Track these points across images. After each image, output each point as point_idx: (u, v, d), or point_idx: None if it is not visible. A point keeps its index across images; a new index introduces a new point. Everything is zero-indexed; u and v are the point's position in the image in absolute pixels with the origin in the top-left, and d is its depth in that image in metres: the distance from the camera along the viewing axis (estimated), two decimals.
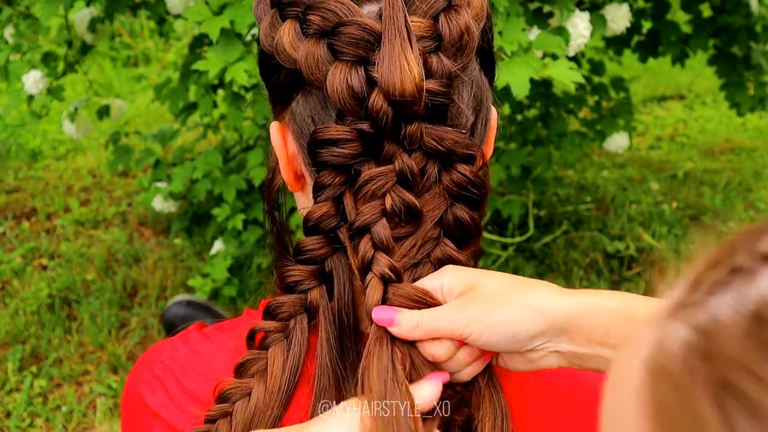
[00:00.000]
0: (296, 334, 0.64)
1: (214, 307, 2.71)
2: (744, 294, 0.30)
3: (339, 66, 0.59)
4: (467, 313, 0.60)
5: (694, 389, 0.29)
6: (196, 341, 0.73)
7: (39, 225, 3.48)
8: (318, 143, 0.61)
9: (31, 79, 2.28)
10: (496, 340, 0.60)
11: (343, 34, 0.59)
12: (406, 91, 0.57)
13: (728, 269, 0.32)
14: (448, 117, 0.61)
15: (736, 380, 0.28)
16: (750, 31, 2.72)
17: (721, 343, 0.29)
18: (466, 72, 0.62)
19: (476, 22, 0.62)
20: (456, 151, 0.61)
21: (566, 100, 2.98)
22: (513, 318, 0.59)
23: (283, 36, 0.61)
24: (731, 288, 0.31)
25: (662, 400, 0.30)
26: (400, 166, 0.60)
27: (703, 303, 0.31)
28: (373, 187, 0.61)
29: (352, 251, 0.62)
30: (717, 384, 0.28)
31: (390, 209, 0.61)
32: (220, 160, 2.66)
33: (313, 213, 0.62)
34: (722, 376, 0.28)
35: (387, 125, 0.59)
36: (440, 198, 0.62)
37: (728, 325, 0.29)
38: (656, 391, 0.31)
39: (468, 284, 0.61)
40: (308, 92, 0.63)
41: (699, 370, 0.29)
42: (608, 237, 3.19)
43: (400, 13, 0.58)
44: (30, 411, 2.46)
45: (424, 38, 0.59)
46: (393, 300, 0.61)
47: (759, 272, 0.30)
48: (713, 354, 0.29)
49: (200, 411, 0.66)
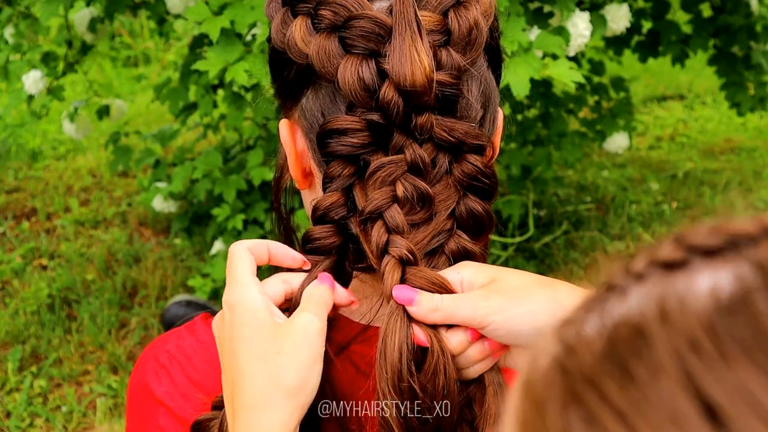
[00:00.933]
0: None
1: (214, 307, 2.71)
2: (609, 312, 0.31)
3: (350, 59, 0.60)
4: (490, 302, 0.59)
5: (548, 401, 0.30)
6: (201, 331, 0.73)
7: (39, 225, 3.48)
8: (327, 133, 0.62)
9: (31, 79, 2.28)
10: (519, 330, 0.59)
11: (354, 27, 0.60)
12: (417, 82, 0.58)
13: (606, 287, 0.32)
14: (458, 109, 0.62)
15: (582, 394, 0.29)
16: (750, 31, 2.72)
17: (578, 359, 0.30)
18: (475, 67, 0.63)
19: (485, 18, 0.63)
20: (466, 141, 0.62)
21: (566, 100, 2.98)
22: (540, 310, 0.58)
23: (295, 32, 0.62)
24: (603, 305, 0.31)
25: (524, 412, 0.32)
26: (411, 155, 0.61)
27: (577, 319, 0.32)
28: (383, 174, 0.61)
29: (365, 238, 0.62)
30: (566, 397, 0.29)
31: (402, 196, 0.61)
32: (220, 160, 2.66)
33: (323, 201, 0.63)
34: (572, 389, 0.29)
35: (397, 116, 0.60)
36: (451, 189, 0.63)
37: (587, 341, 0.30)
38: (522, 403, 0.32)
39: (489, 277, 0.61)
40: (318, 88, 0.64)
41: (555, 384, 0.30)
42: (608, 237, 3.19)
43: (410, 8, 0.59)
44: (30, 411, 2.46)
45: (433, 32, 0.60)
46: (413, 281, 0.60)
47: (628, 291, 0.31)
48: (569, 369, 0.30)
49: (206, 398, 0.66)
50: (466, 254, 0.63)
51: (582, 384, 0.29)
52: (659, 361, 0.28)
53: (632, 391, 0.28)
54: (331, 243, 0.63)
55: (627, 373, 0.28)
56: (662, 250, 0.32)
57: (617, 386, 0.28)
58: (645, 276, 0.31)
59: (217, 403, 0.63)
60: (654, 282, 0.30)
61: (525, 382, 0.32)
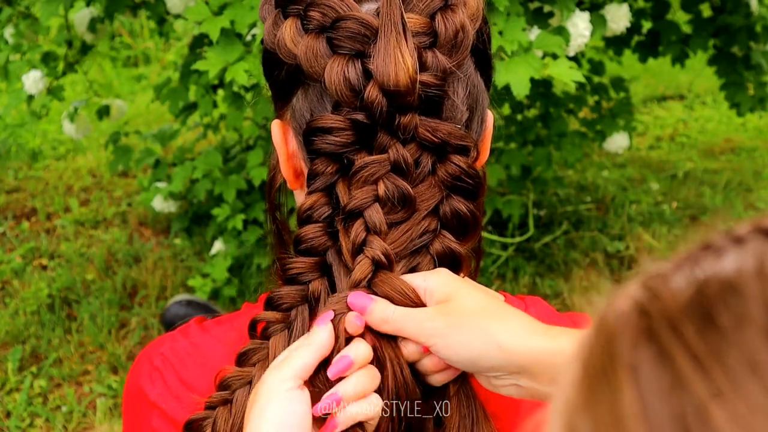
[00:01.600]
0: (297, 325, 0.65)
1: (214, 307, 2.71)
2: (703, 268, 0.31)
3: (337, 59, 0.61)
4: (434, 324, 0.60)
5: (620, 336, 0.30)
6: (195, 334, 0.74)
7: (39, 225, 3.48)
8: (312, 131, 0.63)
9: (31, 79, 2.28)
10: (456, 360, 0.60)
11: (341, 28, 0.61)
12: (400, 83, 0.59)
13: (701, 246, 0.32)
14: (443, 110, 0.63)
15: (658, 332, 0.29)
16: (750, 31, 2.72)
17: (661, 303, 0.30)
18: (461, 69, 0.64)
19: (471, 21, 0.64)
20: (450, 142, 0.63)
21: (566, 100, 2.98)
22: (473, 347, 0.59)
23: (285, 33, 0.63)
24: (696, 262, 0.32)
25: (591, 347, 0.31)
26: (394, 155, 0.62)
27: (666, 272, 0.32)
28: (366, 173, 0.62)
29: (344, 234, 0.63)
30: (641, 334, 0.29)
31: (383, 195, 0.62)
32: (220, 160, 2.66)
33: (305, 203, 0.64)
34: (648, 327, 0.29)
35: (381, 116, 0.61)
36: (434, 189, 0.64)
37: (674, 290, 0.30)
38: (592, 339, 0.32)
39: (447, 294, 0.61)
40: (307, 88, 0.65)
41: (631, 322, 0.30)
42: (608, 237, 3.19)
43: (396, 10, 0.60)
44: (30, 411, 2.46)
45: (420, 34, 0.61)
46: (378, 286, 0.62)
47: (726, 251, 0.31)
48: (650, 311, 0.30)
49: (198, 399, 0.66)
50: (452, 255, 0.64)
51: (660, 324, 0.29)
52: (747, 311, 0.27)
53: (712, 337, 0.27)
54: (322, 243, 0.64)
55: (710, 321, 0.28)
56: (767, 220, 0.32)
57: (697, 330, 0.28)
58: (745, 240, 0.31)
59: (210, 403, 0.64)
60: (754, 245, 0.31)
61: (598, 321, 0.32)
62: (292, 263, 0.65)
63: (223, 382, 0.64)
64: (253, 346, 0.65)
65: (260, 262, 2.77)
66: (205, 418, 0.63)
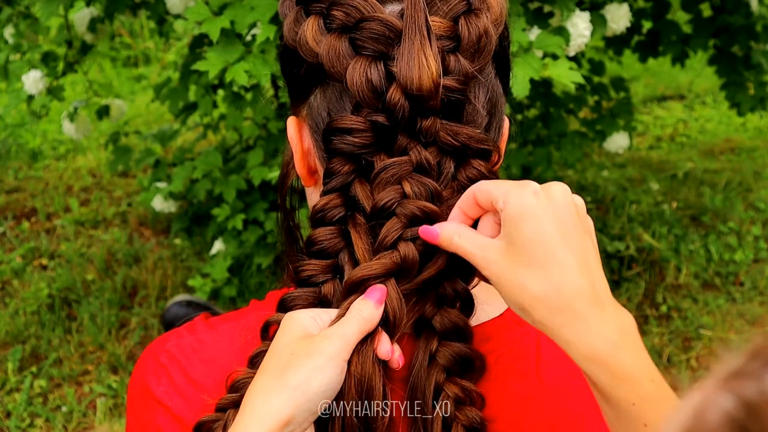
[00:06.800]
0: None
1: (214, 307, 2.71)
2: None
3: (359, 60, 0.61)
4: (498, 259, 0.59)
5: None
6: (201, 330, 0.73)
7: (39, 225, 3.48)
8: (332, 131, 0.63)
9: (31, 79, 2.28)
10: (507, 300, 0.60)
11: (365, 29, 0.61)
12: (424, 86, 0.59)
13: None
14: (464, 115, 0.63)
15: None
16: (750, 30, 2.72)
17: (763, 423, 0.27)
18: (482, 74, 0.63)
19: (495, 26, 0.63)
20: (471, 146, 0.62)
21: (566, 100, 2.98)
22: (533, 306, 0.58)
23: (307, 30, 0.63)
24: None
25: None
26: (416, 157, 0.62)
27: (756, 374, 0.29)
28: (388, 175, 0.62)
29: (357, 236, 0.63)
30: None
31: (410, 193, 0.62)
32: (220, 160, 2.66)
33: (318, 203, 0.64)
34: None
35: (403, 118, 0.61)
36: (458, 195, 0.63)
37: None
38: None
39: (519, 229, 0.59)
40: (326, 87, 0.65)
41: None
42: (608, 237, 3.19)
43: (421, 13, 0.60)
44: (30, 411, 2.46)
45: (443, 38, 0.61)
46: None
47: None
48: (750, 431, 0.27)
49: (205, 398, 0.66)
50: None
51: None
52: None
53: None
54: (334, 245, 0.64)
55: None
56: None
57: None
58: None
59: (221, 405, 0.63)
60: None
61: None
62: (305, 265, 0.65)
63: (235, 384, 0.64)
64: (265, 348, 0.65)
65: (260, 262, 2.77)
66: (216, 420, 0.63)
